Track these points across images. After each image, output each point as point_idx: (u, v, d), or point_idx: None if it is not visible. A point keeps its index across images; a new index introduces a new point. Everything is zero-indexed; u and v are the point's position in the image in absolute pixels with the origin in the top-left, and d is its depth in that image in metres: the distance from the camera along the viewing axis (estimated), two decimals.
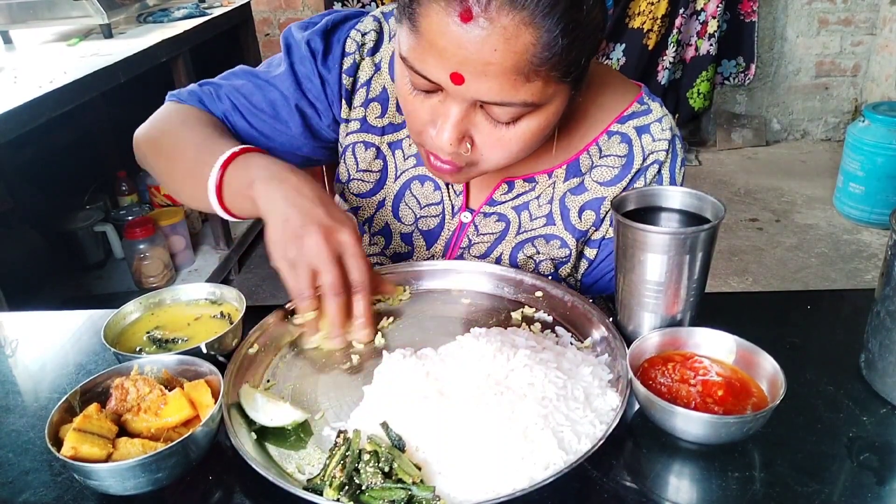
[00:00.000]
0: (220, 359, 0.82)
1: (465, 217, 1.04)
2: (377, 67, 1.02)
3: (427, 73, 0.76)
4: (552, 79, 0.76)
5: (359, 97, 1.03)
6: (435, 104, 0.81)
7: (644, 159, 0.98)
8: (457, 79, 0.75)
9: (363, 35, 1.01)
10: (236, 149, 0.89)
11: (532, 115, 0.80)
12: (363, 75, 1.02)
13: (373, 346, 0.87)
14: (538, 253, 1.03)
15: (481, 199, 1.04)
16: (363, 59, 1.02)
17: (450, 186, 1.04)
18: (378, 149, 1.05)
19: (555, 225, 1.02)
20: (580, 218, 1.01)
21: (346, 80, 1.02)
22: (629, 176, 0.98)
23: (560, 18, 0.70)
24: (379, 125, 1.04)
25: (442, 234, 1.06)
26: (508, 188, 1.02)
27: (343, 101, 1.03)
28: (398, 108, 1.03)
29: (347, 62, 1.01)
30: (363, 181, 1.07)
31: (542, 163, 1.01)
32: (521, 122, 0.81)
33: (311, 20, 1.04)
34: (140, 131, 1.04)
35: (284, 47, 1.03)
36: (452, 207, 1.05)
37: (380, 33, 1.02)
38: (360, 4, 3.90)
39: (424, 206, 1.06)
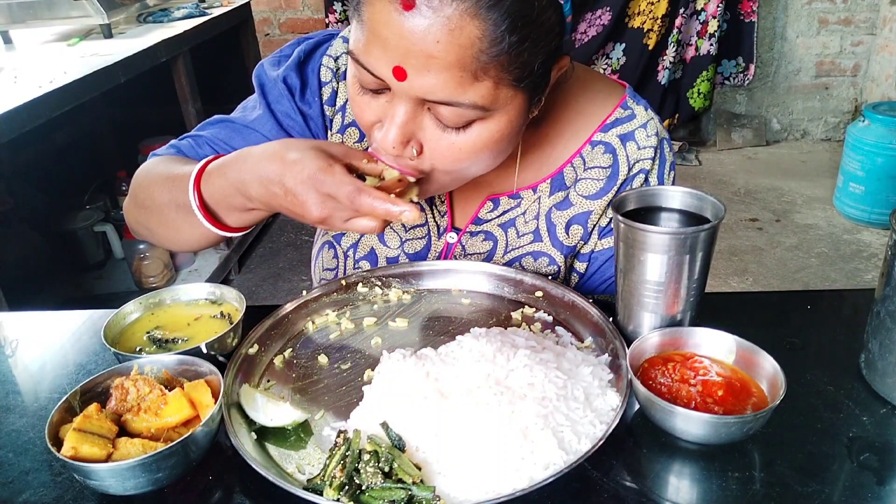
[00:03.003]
0: (220, 359, 0.82)
1: (451, 237, 1.03)
2: None
3: (370, 67, 0.74)
4: (503, 82, 0.73)
5: (335, 124, 1.01)
6: (382, 104, 0.79)
7: (629, 169, 0.96)
8: (399, 73, 0.72)
9: (335, 60, 0.99)
10: (199, 166, 0.86)
11: (483, 121, 0.77)
12: (339, 100, 1.00)
13: (371, 346, 0.87)
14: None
15: (466, 217, 1.02)
16: (339, 83, 0.99)
17: (433, 206, 1.02)
18: None
19: (542, 241, 1.00)
20: (567, 233, 0.99)
21: (329, 111, 1.00)
22: (615, 188, 0.96)
23: (507, 12, 0.68)
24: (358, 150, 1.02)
25: (428, 256, 1.04)
26: (494, 205, 1.00)
27: (328, 132, 1.01)
28: None
29: (326, 93, 0.99)
30: None
31: (527, 178, 0.99)
32: (472, 129, 0.77)
33: (282, 53, 1.01)
34: (125, 200, 1.02)
35: (258, 87, 1.00)
36: (438, 228, 1.03)
37: None
38: None
39: (409, 229, 1.04)
